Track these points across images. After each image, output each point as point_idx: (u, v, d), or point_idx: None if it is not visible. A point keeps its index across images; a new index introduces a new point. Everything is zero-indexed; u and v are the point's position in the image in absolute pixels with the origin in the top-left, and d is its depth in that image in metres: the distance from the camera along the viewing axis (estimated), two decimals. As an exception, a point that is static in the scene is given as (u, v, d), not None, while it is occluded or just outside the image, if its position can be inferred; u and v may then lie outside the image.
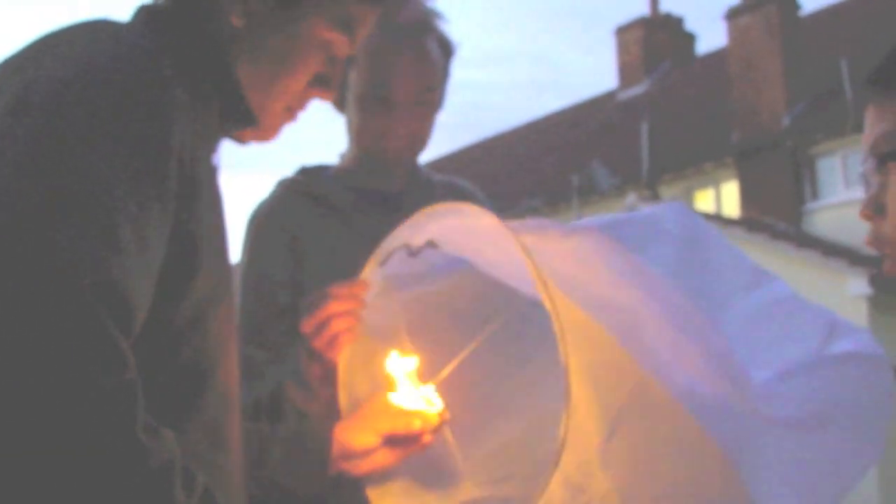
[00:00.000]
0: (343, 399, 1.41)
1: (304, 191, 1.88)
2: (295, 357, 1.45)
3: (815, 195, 13.25)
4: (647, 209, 1.60)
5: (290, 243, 1.78)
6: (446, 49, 1.90)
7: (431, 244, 1.38)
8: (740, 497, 1.28)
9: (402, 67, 1.82)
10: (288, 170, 1.99)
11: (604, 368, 1.29)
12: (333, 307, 1.37)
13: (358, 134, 1.87)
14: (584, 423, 1.27)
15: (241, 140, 1.28)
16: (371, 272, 1.41)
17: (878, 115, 1.24)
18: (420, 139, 1.88)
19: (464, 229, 1.36)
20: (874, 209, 1.23)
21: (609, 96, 18.44)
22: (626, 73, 17.85)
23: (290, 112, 1.26)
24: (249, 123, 1.23)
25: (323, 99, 1.27)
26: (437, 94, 1.89)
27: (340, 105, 1.90)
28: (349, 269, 1.44)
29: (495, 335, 1.44)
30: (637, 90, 17.60)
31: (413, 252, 1.38)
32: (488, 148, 19.74)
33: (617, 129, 16.41)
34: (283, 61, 1.22)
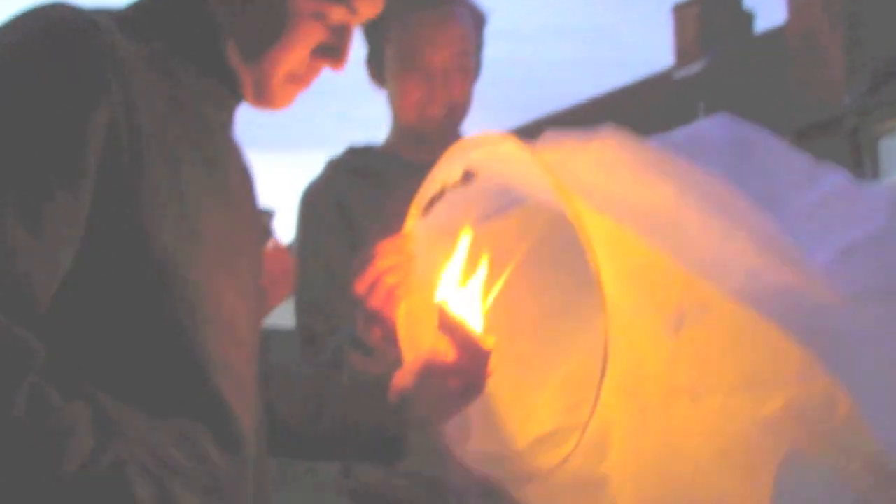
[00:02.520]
0: (407, 355, 1.42)
1: (351, 168, 1.94)
2: (353, 324, 1.48)
3: (876, 175, 13.05)
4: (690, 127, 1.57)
5: (342, 217, 1.83)
6: (477, 18, 1.96)
7: (468, 175, 1.38)
8: (819, 378, 1.23)
9: (433, 36, 1.88)
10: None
11: (650, 273, 1.27)
12: (380, 264, 1.40)
13: (398, 107, 1.93)
14: (633, 328, 1.26)
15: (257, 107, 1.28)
16: (414, 224, 1.43)
17: None
18: (460, 107, 1.94)
19: (493, 158, 1.37)
20: None
21: (665, 75, 18.29)
22: (683, 51, 17.69)
23: (297, 81, 1.27)
24: (238, 95, 1.24)
25: (333, 69, 1.27)
26: (472, 61, 1.94)
27: (380, 81, 1.96)
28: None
29: (553, 269, 1.43)
30: (694, 69, 17.44)
31: (452, 188, 1.40)
32: (545, 127, 19.70)
33: (673, 108, 16.28)
34: (272, 35, 1.22)
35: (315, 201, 1.95)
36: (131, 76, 1.13)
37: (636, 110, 17.94)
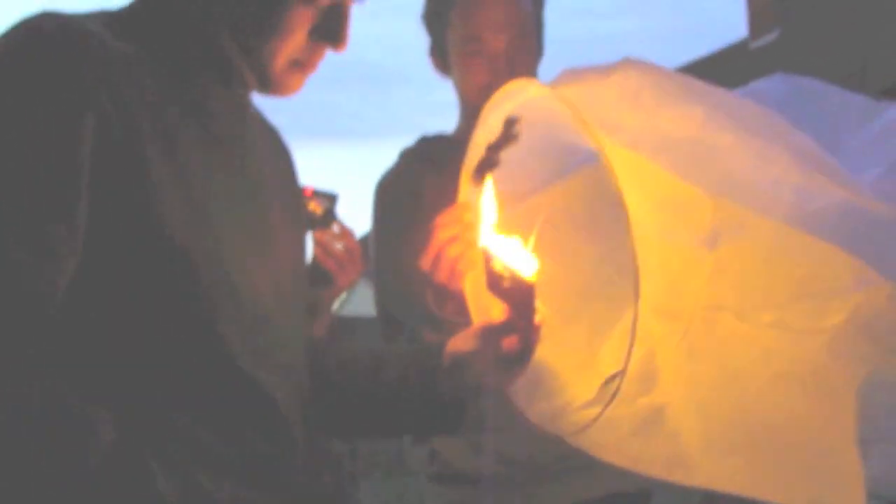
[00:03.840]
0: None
1: (424, 157, 1.99)
2: (425, 303, 1.51)
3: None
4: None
5: (416, 206, 1.86)
6: None
7: (510, 129, 1.39)
8: (881, 285, 1.20)
9: (490, 17, 1.90)
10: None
11: (680, 198, 1.25)
12: (440, 235, 1.43)
13: (464, 93, 1.97)
14: (664, 248, 1.24)
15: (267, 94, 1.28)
16: (467, 192, 1.45)
17: None
18: None
19: (527, 106, 1.37)
20: None
21: (741, 45, 17.95)
22: (757, 21, 17.34)
23: (301, 67, 1.26)
24: (243, 84, 1.25)
25: (335, 50, 1.26)
26: (532, 42, 1.95)
27: (445, 69, 2.00)
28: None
29: (602, 228, 1.40)
30: (769, 38, 17.10)
31: (498, 147, 1.41)
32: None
33: (752, 78, 16.00)
34: (265, 24, 1.21)
35: (389, 191, 2.00)
36: (122, 76, 1.13)
37: (714, 81, 17.60)
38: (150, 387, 1.12)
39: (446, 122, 2.11)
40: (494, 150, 1.44)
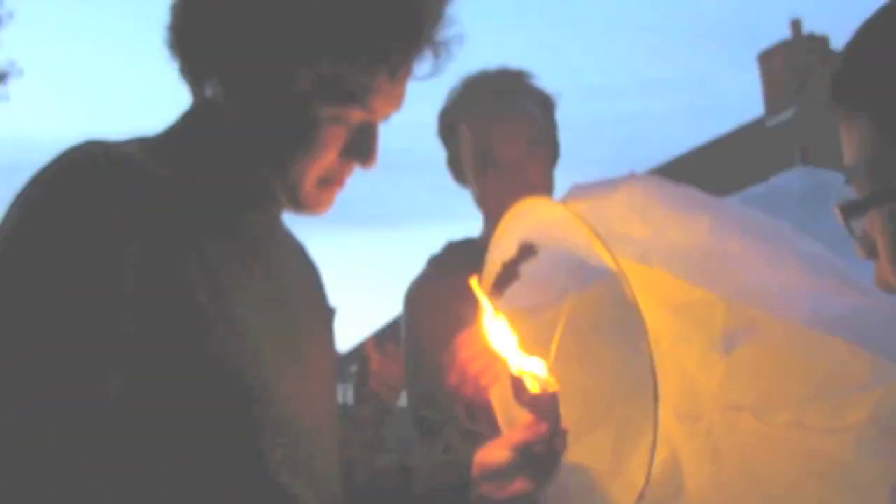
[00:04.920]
0: None
1: (450, 264, 2.03)
2: (457, 414, 1.57)
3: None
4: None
5: (445, 313, 1.91)
6: (544, 103, 2.02)
7: (526, 248, 1.45)
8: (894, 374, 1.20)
9: (500, 130, 1.95)
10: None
11: (693, 304, 1.29)
12: (463, 354, 1.48)
13: (481, 203, 2.02)
14: (681, 353, 1.28)
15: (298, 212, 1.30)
16: (488, 308, 1.46)
17: (844, 138, 0.98)
18: (541, 195, 1.98)
19: (541, 224, 1.43)
20: (867, 252, 0.99)
21: (758, 123, 18.09)
22: (773, 98, 17.49)
23: (330, 184, 1.29)
24: (277, 203, 1.28)
25: (364, 167, 1.29)
26: (544, 147, 2.00)
27: (462, 179, 2.06)
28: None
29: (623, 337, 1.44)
30: (786, 115, 17.22)
31: (515, 264, 1.47)
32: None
33: (769, 155, 16.10)
34: (297, 145, 1.24)
35: (418, 300, 2.05)
36: (163, 202, 1.16)
37: (733, 160, 17.76)
38: (189, 499, 1.15)
39: (462, 206, 2.16)
40: (512, 266, 1.50)
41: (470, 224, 2.19)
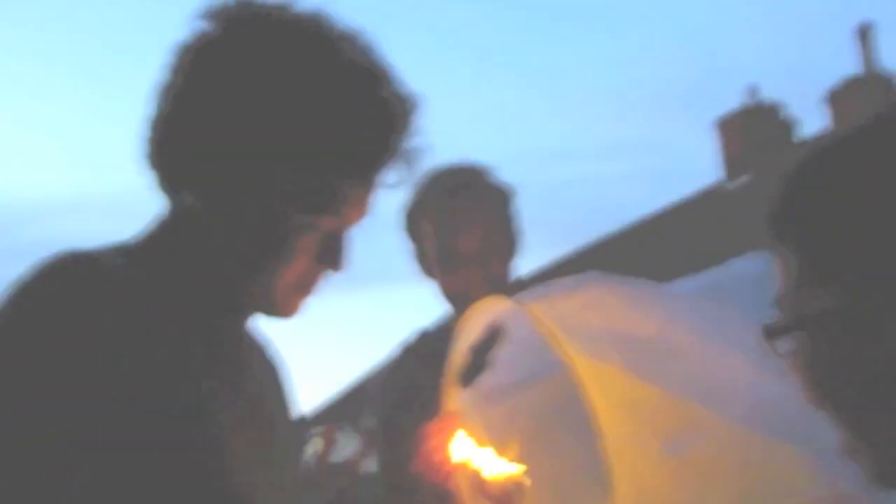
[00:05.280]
0: None
1: (422, 352, 2.10)
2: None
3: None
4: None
5: (415, 399, 1.96)
6: (501, 196, 2.11)
7: (493, 333, 1.54)
8: (837, 482, 1.26)
9: (458, 225, 2.05)
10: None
11: (644, 402, 1.36)
12: (429, 443, 1.56)
13: (446, 294, 2.10)
14: (632, 453, 1.35)
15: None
16: (453, 398, 1.61)
17: (778, 265, 1.07)
18: (503, 284, 2.06)
19: (505, 316, 1.52)
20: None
21: (717, 187, 18.35)
22: (731, 163, 17.76)
23: (303, 290, 1.35)
24: (255, 313, 1.34)
25: (334, 271, 1.34)
26: (504, 238, 2.08)
27: (428, 273, 2.14)
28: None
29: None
30: (743, 180, 17.48)
31: (483, 350, 1.54)
32: (605, 248, 19.73)
33: (728, 219, 16.30)
34: (271, 252, 1.29)
35: (390, 387, 2.13)
36: (146, 307, 1.20)
37: (692, 224, 17.98)
38: None
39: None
40: (480, 351, 1.57)
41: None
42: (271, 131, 1.26)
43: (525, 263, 2.19)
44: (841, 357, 0.98)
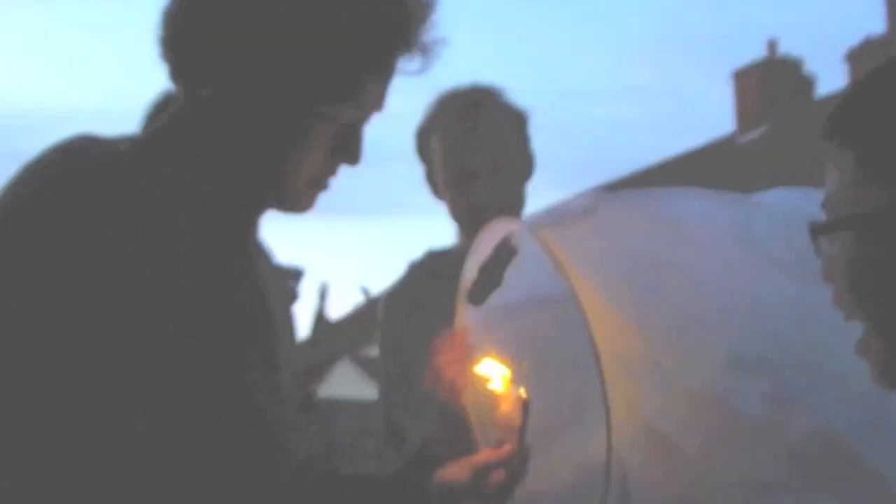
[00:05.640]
0: (481, 442, 1.55)
1: (429, 270, 2.09)
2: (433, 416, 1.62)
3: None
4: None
5: (422, 318, 1.95)
6: (515, 117, 2.08)
7: (511, 253, 1.52)
8: None
9: (468, 142, 2.01)
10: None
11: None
12: (440, 359, 1.55)
13: (454, 214, 2.08)
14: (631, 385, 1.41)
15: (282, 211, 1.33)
16: (464, 316, 1.58)
17: (830, 168, 1.09)
18: (513, 206, 2.04)
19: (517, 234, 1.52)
20: (828, 275, 1.08)
21: (729, 140, 18.24)
22: (745, 117, 17.63)
23: (318, 183, 1.33)
24: (271, 205, 1.32)
25: (349, 165, 1.33)
26: (514, 160, 2.05)
27: (438, 193, 2.12)
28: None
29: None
30: (755, 134, 17.38)
31: (492, 266, 1.55)
32: (615, 191, 19.60)
33: (737, 174, 16.24)
34: (289, 141, 1.28)
35: (396, 304, 2.12)
36: (153, 198, 1.20)
37: (700, 177, 17.93)
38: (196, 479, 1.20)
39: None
40: (490, 269, 1.56)
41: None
42: (289, 18, 1.25)
43: (533, 203, 2.16)
44: (886, 256, 1.00)
